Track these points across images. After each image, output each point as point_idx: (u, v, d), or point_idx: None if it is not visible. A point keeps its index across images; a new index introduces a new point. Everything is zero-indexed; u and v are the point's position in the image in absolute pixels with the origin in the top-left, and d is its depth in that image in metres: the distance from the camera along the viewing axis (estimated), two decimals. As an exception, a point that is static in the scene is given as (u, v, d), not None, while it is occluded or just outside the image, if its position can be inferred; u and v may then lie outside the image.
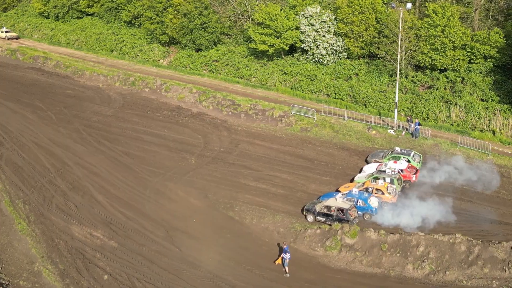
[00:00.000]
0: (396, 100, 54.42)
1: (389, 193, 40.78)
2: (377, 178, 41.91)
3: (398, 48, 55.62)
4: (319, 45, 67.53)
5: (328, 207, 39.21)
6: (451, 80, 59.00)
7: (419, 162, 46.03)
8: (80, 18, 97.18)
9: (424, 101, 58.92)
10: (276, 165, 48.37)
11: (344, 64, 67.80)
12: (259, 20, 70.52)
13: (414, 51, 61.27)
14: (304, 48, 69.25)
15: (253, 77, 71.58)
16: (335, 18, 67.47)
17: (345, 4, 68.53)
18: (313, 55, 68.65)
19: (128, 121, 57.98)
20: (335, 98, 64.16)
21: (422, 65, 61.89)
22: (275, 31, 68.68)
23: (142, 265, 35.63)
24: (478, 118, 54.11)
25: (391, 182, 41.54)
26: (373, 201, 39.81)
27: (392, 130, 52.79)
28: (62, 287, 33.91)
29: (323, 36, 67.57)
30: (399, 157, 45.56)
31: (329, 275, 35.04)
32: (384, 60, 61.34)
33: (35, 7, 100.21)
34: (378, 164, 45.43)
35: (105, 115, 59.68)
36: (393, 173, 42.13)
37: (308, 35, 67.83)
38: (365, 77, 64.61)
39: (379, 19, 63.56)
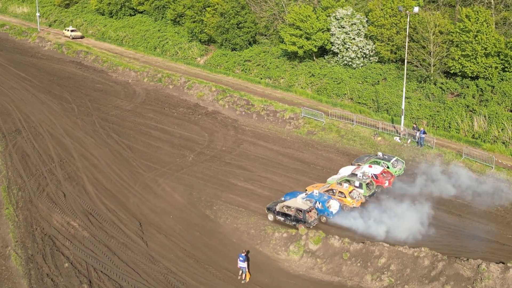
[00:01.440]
0: (403, 107, 52.60)
1: (352, 197, 40.02)
2: (348, 181, 41.18)
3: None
4: (348, 47, 66.30)
5: (288, 207, 38.75)
6: (480, 88, 56.26)
7: (400, 169, 45.05)
8: (132, 15, 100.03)
9: (448, 109, 56.54)
10: (271, 167, 47.98)
11: (374, 68, 66.29)
12: (290, 21, 70.17)
13: (445, 57, 58.88)
14: (334, 50, 68.23)
15: (282, 78, 71.35)
16: (367, 21, 65.82)
17: (377, 7, 66.93)
18: (342, 57, 67.50)
19: (143, 116, 59.29)
20: (359, 102, 62.81)
21: (452, 71, 59.40)
22: (305, 32, 68.06)
23: (104, 256, 36.40)
24: (502, 130, 51.24)
25: (360, 186, 40.64)
26: (333, 204, 39.23)
27: (398, 138, 51.04)
28: (24, 271, 35.19)
29: (353, 38, 66.27)
30: (379, 162, 44.47)
31: (285, 280, 34.45)
32: (412, 64, 59.33)
33: (91, 4, 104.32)
34: (355, 167, 44.24)
35: (124, 110, 61.32)
36: (364, 177, 41.41)
37: (337, 38, 66.77)
38: (393, 82, 62.90)
39: (411, 23, 61.40)
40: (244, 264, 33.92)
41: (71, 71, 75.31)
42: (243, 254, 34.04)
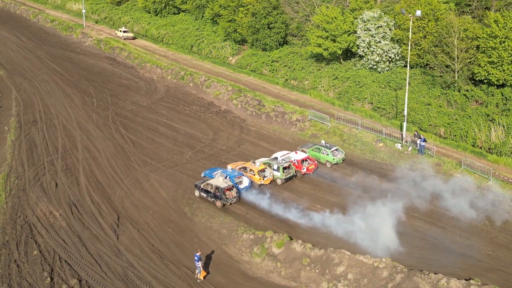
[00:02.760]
0: (405, 113, 50.72)
1: (260, 175, 43.58)
2: (269, 164, 44.90)
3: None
4: (373, 51, 64.89)
5: (209, 185, 41.47)
6: (505, 97, 53.72)
7: (339, 158, 47.59)
8: (176, 14, 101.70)
9: (467, 117, 54.33)
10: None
11: (399, 72, 64.60)
12: (317, 22, 69.45)
13: (470, 63, 56.61)
14: (359, 53, 67.00)
15: (306, 80, 70.72)
16: (394, 24, 64.12)
17: (404, 9, 65.05)
18: (367, 61, 66.18)
19: (156, 113, 60.25)
20: (378, 107, 61.32)
21: (477, 78, 57.06)
22: (331, 34, 67.21)
23: (73, 247, 37.30)
24: (520, 141, 48.77)
25: (277, 169, 44.07)
26: (244, 181, 42.99)
27: (399, 145, 49.40)
28: (-4, 257, 36.55)
29: (378, 42, 64.78)
30: (321, 149, 47.76)
31: (240, 281, 34.20)
32: (433, 69, 57.35)
33: (139, 2, 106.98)
34: (286, 152, 47.44)
35: (140, 105, 62.53)
36: (283, 161, 44.73)
37: (363, 40, 65.49)
38: (416, 87, 61.09)
39: (439, 27, 59.16)
40: (199, 264, 33.82)
41: (102, 66, 77.49)
42: (197, 254, 33.97)
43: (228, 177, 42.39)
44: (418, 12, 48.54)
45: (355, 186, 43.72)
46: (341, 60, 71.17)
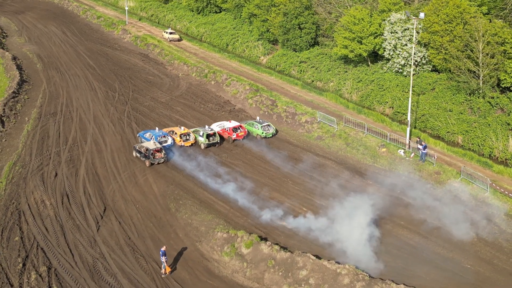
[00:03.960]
0: (409, 118, 49.12)
1: (181, 139, 51.54)
2: (197, 131, 52.58)
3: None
4: (399, 54, 63.39)
5: (143, 147, 48.59)
6: (531, 105, 51.42)
7: (268, 133, 53.06)
8: (218, 13, 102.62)
9: (486, 126, 52.27)
10: (256, 170, 47.58)
11: (425, 77, 62.83)
12: (343, 23, 68.55)
13: (496, 69, 54.47)
14: (386, 56, 65.64)
15: (331, 82, 69.92)
16: (421, 27, 62.33)
17: (432, 12, 63.30)
18: (393, 64, 64.73)
19: (171, 109, 61.05)
20: (398, 112, 59.88)
21: (503, 85, 54.87)
22: (358, 36, 66.21)
23: (53, 235, 38.41)
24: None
25: (202, 135, 51.16)
26: (168, 140, 51.01)
27: (402, 151, 47.95)
28: (-19, 243, 38.09)
29: (405, 45, 63.20)
30: (254, 123, 54.04)
31: (204, 279, 34.31)
32: (458, 75, 55.34)
33: (183, 0, 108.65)
34: (221, 122, 54.96)
35: (158, 101, 63.53)
36: (208, 129, 52.25)
37: (389, 43, 64.09)
38: (441, 93, 59.38)
39: (467, 31, 56.99)
40: (163, 259, 34.06)
41: (133, 62, 79.16)
42: (162, 249, 34.22)
43: (153, 136, 50.81)
44: (422, 15, 46.87)
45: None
46: (369, 63, 69.78)
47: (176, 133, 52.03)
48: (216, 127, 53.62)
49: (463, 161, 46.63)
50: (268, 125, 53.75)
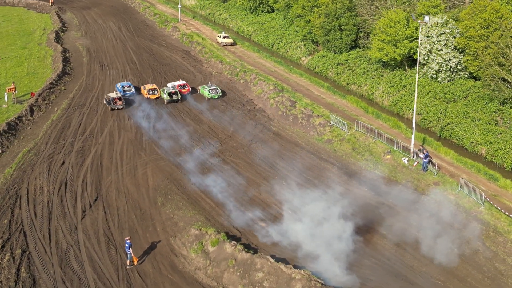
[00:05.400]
0: (413, 125, 47.17)
1: (148, 93, 64.04)
2: (163, 89, 64.20)
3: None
4: (433, 59, 61.37)
5: (108, 96, 61.98)
6: None
7: (214, 95, 63.66)
8: (270, 12, 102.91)
9: (510, 137, 49.87)
10: (258, 170, 47.27)
11: (460, 84, 60.56)
12: (380, 26, 67.20)
13: None
14: (421, 61, 63.70)
15: (365, 85, 68.67)
16: (458, 32, 59.99)
17: (469, 16, 60.89)
18: (428, 69, 62.79)
19: (193, 105, 61.84)
20: (425, 119, 58.03)
21: None
22: (393, 39, 64.73)
23: (39, 220, 40.01)
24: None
25: (166, 93, 62.84)
26: (132, 90, 65.03)
27: (406, 159, 46.23)
28: (-27, 221, 40.26)
29: (440, 49, 61.09)
30: (204, 86, 65.30)
31: (166, 274, 34.69)
32: (488, 83, 52.98)
33: (238, 0, 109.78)
34: (174, 82, 66.76)
35: (186, 96, 64.52)
36: (171, 88, 63.84)
37: (424, 47, 62.19)
38: (473, 101, 57.19)
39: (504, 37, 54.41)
40: (129, 250, 34.66)
41: (174, 59, 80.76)
42: (128, 240, 34.80)
43: (120, 85, 65.08)
44: (426, 18, 44.93)
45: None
46: (406, 67, 67.81)
47: (145, 88, 63.88)
48: (170, 85, 65.31)
49: (469, 173, 44.32)
50: (216, 89, 64.05)
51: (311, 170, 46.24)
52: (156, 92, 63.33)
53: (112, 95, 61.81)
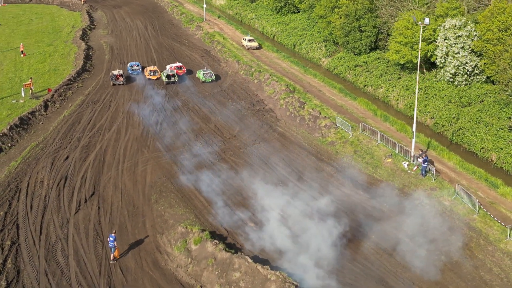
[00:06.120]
0: (414, 130, 46.20)
1: (149, 74, 71.45)
2: (163, 72, 71.51)
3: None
4: (450, 62, 60.28)
5: (111, 73, 69.68)
6: None
7: (208, 78, 69.86)
8: (296, 13, 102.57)
9: None
10: (257, 172, 47.14)
11: (476, 88, 59.35)
12: (397, 27, 66.36)
13: None
14: (438, 64, 62.65)
15: (381, 88, 67.92)
16: (476, 35, 58.72)
17: (487, 18, 59.57)
18: (444, 73, 61.70)
19: (204, 104, 62.16)
20: (438, 123, 57.03)
21: None
22: (410, 41, 63.87)
23: (34, 213, 40.79)
24: None
25: (164, 75, 69.50)
26: (139, 69, 73.32)
27: (406, 163, 45.40)
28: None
29: (457, 52, 59.93)
30: (201, 70, 71.44)
31: (147, 270, 34.95)
32: (503, 87, 51.78)
33: (264, 0, 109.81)
34: (172, 64, 73.94)
35: (196, 96, 65.02)
36: (169, 71, 70.45)
37: (440, 50, 61.13)
38: (488, 106, 56.05)
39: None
40: (113, 244, 35.02)
41: (193, 58, 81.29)
42: (113, 234, 35.18)
43: (130, 65, 74.02)
44: (427, 20, 43.88)
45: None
46: (424, 70, 66.67)
47: (147, 69, 71.62)
48: (168, 67, 72.72)
49: (470, 179, 43.23)
50: (210, 73, 69.95)
51: (310, 172, 45.71)
52: (156, 74, 71.11)
53: (115, 72, 69.71)
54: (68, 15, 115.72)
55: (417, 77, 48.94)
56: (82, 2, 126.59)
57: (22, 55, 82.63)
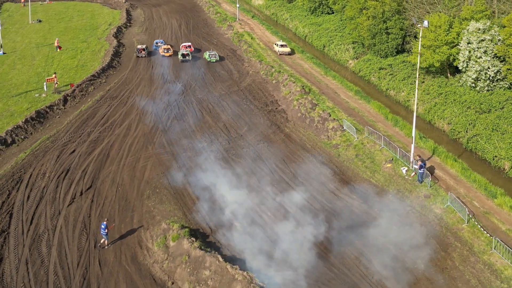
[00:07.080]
0: (413, 134, 45.01)
1: (162, 50, 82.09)
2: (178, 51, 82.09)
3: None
4: (471, 66, 58.75)
5: (136, 47, 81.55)
6: None
7: (212, 59, 79.13)
8: (330, 13, 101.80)
9: None
10: (254, 174, 47.10)
11: (498, 94, 57.68)
12: (418, 30, 65.08)
13: None
14: (460, 68, 61.16)
15: (402, 92, 66.79)
16: (500, 39, 57.07)
17: (511, 22, 57.76)
18: (465, 78, 60.20)
19: (218, 104, 62.42)
20: (454, 130, 55.87)
21: None
22: (433, 44, 62.60)
23: (29, 203, 41.94)
24: None
25: (180, 54, 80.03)
26: (163, 46, 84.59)
27: (405, 169, 44.35)
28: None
29: (479, 57, 58.37)
30: (207, 52, 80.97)
31: (124, 264, 35.41)
32: None
33: (299, 1, 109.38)
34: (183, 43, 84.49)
35: (212, 95, 65.34)
36: (184, 51, 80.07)
37: (462, 54, 59.67)
38: (508, 113, 54.32)
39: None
40: (105, 232, 36.09)
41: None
42: (104, 223, 35.92)
43: (155, 42, 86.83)
44: (426, 23, 42.62)
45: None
46: (448, 74, 65.09)
47: (161, 47, 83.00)
48: (182, 46, 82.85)
49: (469, 188, 41.89)
50: (215, 54, 79.20)
51: (307, 174, 45.24)
52: (170, 51, 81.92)
53: (139, 46, 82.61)
54: (108, 13, 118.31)
55: (417, 79, 47.81)
56: (124, 0, 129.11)
57: (58, 50, 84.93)
